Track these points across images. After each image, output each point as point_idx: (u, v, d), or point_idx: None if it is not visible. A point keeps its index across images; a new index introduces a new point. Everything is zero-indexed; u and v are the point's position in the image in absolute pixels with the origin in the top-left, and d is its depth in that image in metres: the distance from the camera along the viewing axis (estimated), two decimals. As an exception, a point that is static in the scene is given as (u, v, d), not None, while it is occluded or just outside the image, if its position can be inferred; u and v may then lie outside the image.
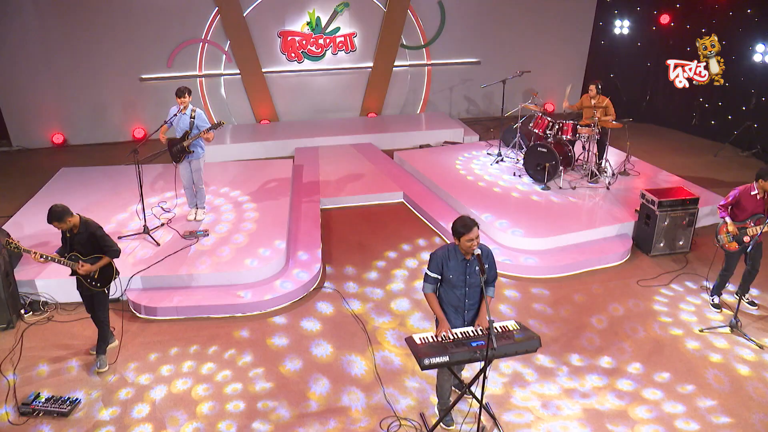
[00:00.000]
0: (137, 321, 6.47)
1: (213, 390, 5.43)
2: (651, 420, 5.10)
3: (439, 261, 4.60)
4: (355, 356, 5.92)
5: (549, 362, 5.81)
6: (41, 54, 11.20)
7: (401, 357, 5.86)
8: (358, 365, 5.79)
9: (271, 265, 7.04)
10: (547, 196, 8.85)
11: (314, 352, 5.96)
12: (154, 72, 11.78)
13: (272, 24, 12.11)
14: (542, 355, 5.88)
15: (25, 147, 11.69)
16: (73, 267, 5.35)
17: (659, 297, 6.95)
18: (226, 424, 5.03)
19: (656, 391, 5.43)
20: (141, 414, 5.12)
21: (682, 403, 5.30)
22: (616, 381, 5.56)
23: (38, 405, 5.11)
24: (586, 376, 5.63)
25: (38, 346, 5.95)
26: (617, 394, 5.39)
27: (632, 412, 5.18)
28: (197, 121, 7.64)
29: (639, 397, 5.36)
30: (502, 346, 4.44)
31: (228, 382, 5.53)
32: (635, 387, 5.49)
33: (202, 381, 5.54)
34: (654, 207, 7.68)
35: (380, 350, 5.97)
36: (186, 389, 5.43)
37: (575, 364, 5.79)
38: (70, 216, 5.24)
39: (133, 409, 5.18)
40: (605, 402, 5.29)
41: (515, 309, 6.70)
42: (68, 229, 5.30)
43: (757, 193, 6.28)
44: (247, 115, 12.70)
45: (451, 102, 13.66)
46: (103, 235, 5.38)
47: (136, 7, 11.32)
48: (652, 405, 5.28)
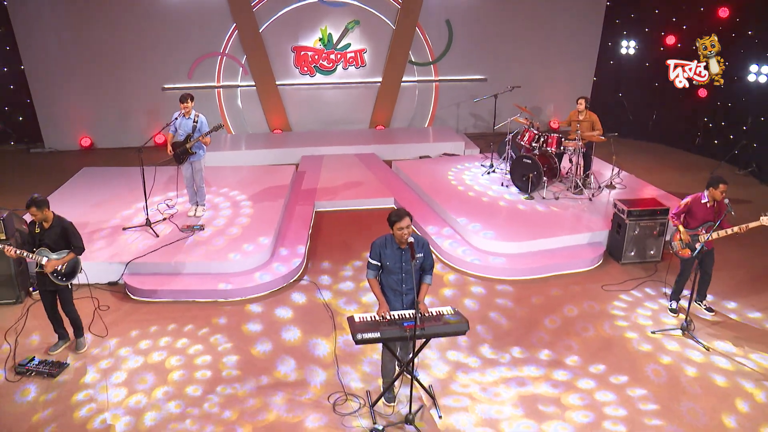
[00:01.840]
0: (131, 302, 7.16)
1: (184, 361, 6.04)
2: (582, 407, 5.46)
3: (377, 249, 5.11)
4: (321, 339, 6.45)
5: (491, 354, 6.22)
6: (73, 65, 12.23)
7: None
8: (323, 347, 6.31)
9: (255, 258, 7.65)
10: (529, 205, 9.24)
11: (284, 336, 6.51)
12: (175, 82, 12.65)
13: (286, 39, 12.89)
14: (490, 347, 6.31)
15: (56, 149, 12.71)
16: (40, 262, 5.72)
17: (619, 301, 7.26)
18: (193, 388, 5.63)
19: (589, 381, 5.80)
20: (119, 380, 5.76)
21: (614, 392, 5.65)
22: (553, 371, 5.93)
23: (31, 366, 5.81)
24: (525, 366, 6.01)
25: (40, 320, 6.64)
26: (553, 383, 5.77)
27: (565, 399, 5.55)
28: (200, 126, 8.35)
29: (573, 386, 5.73)
30: (430, 327, 4.92)
31: (199, 354, 6.15)
32: (571, 377, 5.86)
33: (176, 353, 6.17)
34: (624, 216, 8.01)
35: (344, 335, 6.47)
36: (161, 360, 6.06)
37: (519, 357, 6.18)
38: (47, 208, 5.74)
39: (112, 375, 5.82)
40: (540, 389, 5.67)
41: (479, 303, 7.14)
42: (41, 221, 5.76)
43: (707, 202, 6.59)
44: (262, 124, 13.47)
45: (458, 117, 14.15)
46: (74, 231, 5.91)
47: (161, 22, 12.25)
48: (585, 393, 5.64)
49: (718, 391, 5.68)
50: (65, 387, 5.66)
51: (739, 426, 5.26)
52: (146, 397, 5.52)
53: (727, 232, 6.40)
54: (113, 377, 5.79)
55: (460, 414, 5.35)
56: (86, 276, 6.38)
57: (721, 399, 5.57)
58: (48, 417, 5.28)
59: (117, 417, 5.27)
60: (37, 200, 5.67)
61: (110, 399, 5.48)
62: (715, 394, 5.64)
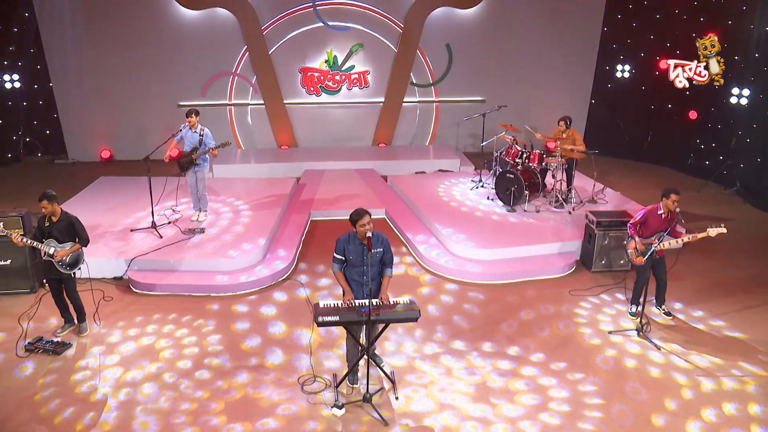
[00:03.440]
0: (132, 294, 7.89)
1: (172, 343, 6.76)
2: (528, 391, 6.00)
3: (342, 245, 5.74)
4: (302, 329, 7.06)
5: (461, 347, 6.78)
6: (96, 84, 13.23)
7: (340, 330, 6.78)
8: (305, 337, 6.91)
9: (247, 258, 8.34)
10: (508, 217, 9.80)
11: (268, 328, 7.14)
12: (189, 100, 13.54)
13: (294, 61, 13.74)
14: (460, 341, 6.88)
15: (78, 160, 13.66)
16: (48, 252, 6.44)
17: (584, 304, 7.76)
18: (183, 362, 6.35)
19: (533, 369, 6.36)
20: (113, 361, 6.45)
21: (557, 378, 6.21)
22: (498, 361, 6.49)
23: (39, 345, 6.54)
24: (485, 359, 6.56)
25: (51, 308, 7.35)
26: (500, 372, 6.31)
27: (512, 385, 6.08)
28: (205, 139, 9.14)
29: (519, 374, 6.28)
30: (384, 313, 5.53)
31: (185, 336, 6.89)
32: (516, 366, 6.42)
33: (164, 337, 6.91)
34: (594, 226, 8.51)
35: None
36: (152, 342, 6.76)
37: (486, 350, 6.73)
38: (57, 203, 6.52)
39: (109, 355, 6.53)
40: (491, 377, 6.22)
41: (451, 303, 7.71)
42: (50, 214, 6.50)
43: (662, 213, 7.07)
44: (270, 140, 14.27)
45: (458, 136, 14.79)
46: (80, 225, 6.67)
47: (177, 43, 13.21)
48: (529, 379, 6.17)
49: (657, 383, 6.15)
50: (67, 362, 6.37)
51: (678, 408, 5.78)
52: (140, 373, 6.21)
53: (678, 241, 6.88)
54: (108, 358, 6.48)
55: (417, 398, 5.90)
56: (87, 270, 7.13)
57: (661, 390, 6.04)
58: (50, 382, 6.06)
59: (109, 389, 5.96)
60: (49, 194, 6.46)
61: (103, 374, 6.17)
62: (655, 385, 6.11)
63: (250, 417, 5.61)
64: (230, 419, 5.58)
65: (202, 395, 5.91)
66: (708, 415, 5.70)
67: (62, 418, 5.56)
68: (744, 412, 5.76)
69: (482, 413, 5.69)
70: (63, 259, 6.54)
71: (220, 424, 5.51)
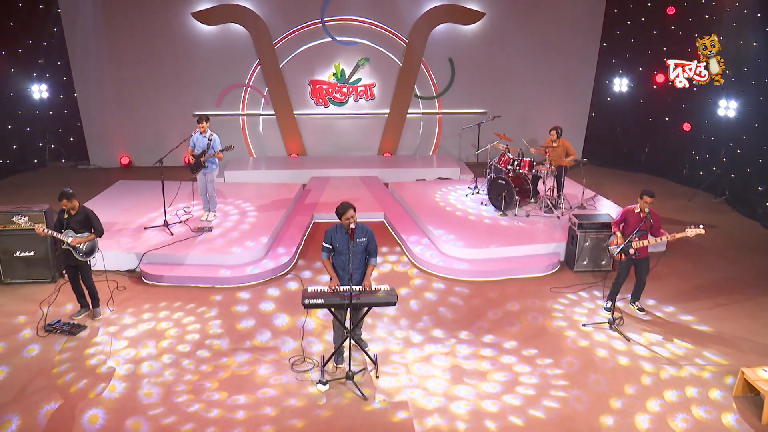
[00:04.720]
0: (144, 285, 8.56)
1: (174, 326, 7.39)
2: (496, 369, 6.49)
3: (329, 234, 6.35)
4: (301, 318, 7.66)
5: (441, 335, 7.30)
6: (117, 94, 14.11)
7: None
8: (300, 322, 7.50)
9: (251, 253, 8.98)
10: (498, 220, 10.33)
11: (266, 315, 7.74)
12: (204, 109, 14.29)
13: (303, 74, 14.47)
14: (440, 329, 7.40)
15: (99, 166, 14.50)
16: (66, 240, 7.12)
17: (563, 299, 8.24)
18: (183, 346, 6.99)
19: (511, 357, 6.83)
20: (123, 341, 7.10)
21: (530, 365, 6.68)
22: (474, 347, 7.02)
23: (57, 326, 7.22)
24: (464, 345, 7.07)
25: (69, 296, 8.03)
26: (478, 358, 6.81)
27: (483, 366, 6.59)
28: (213, 143, 9.85)
29: (491, 358, 6.77)
30: (365, 297, 6.10)
31: (190, 323, 7.47)
32: (496, 353, 6.90)
33: (169, 321, 7.54)
34: (576, 228, 9.00)
35: (317, 313, 7.66)
36: (161, 327, 7.39)
37: (463, 338, 7.24)
38: (75, 199, 7.24)
39: (119, 336, 7.18)
40: (467, 362, 6.74)
41: (437, 296, 8.23)
42: (69, 209, 7.22)
43: (638, 212, 7.53)
44: (280, 149, 14.98)
45: (460, 146, 15.36)
46: (96, 217, 7.39)
47: (193, 56, 14.03)
48: (507, 366, 6.66)
49: (623, 369, 6.61)
50: (81, 341, 7.03)
51: (636, 393, 6.24)
52: (146, 351, 6.85)
53: (657, 239, 7.35)
54: (118, 339, 7.13)
55: (396, 377, 6.44)
56: (103, 262, 7.79)
57: (625, 374, 6.51)
58: (66, 359, 6.71)
59: (118, 363, 6.60)
60: (68, 193, 7.19)
61: (113, 352, 6.82)
62: (621, 371, 6.58)
63: (242, 390, 6.21)
64: (225, 390, 6.19)
65: (205, 369, 6.53)
66: (670, 396, 6.16)
67: (77, 388, 6.20)
68: (704, 395, 6.20)
69: (456, 392, 6.20)
70: (79, 247, 7.22)
71: (219, 399, 6.10)
